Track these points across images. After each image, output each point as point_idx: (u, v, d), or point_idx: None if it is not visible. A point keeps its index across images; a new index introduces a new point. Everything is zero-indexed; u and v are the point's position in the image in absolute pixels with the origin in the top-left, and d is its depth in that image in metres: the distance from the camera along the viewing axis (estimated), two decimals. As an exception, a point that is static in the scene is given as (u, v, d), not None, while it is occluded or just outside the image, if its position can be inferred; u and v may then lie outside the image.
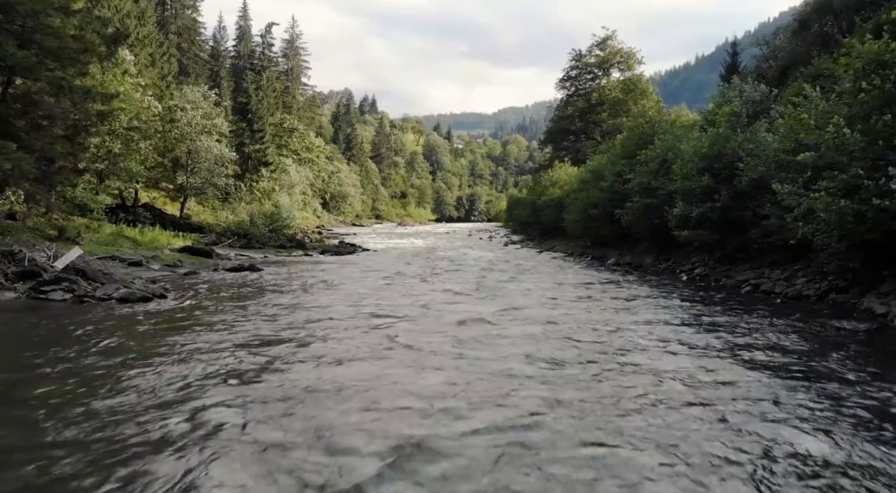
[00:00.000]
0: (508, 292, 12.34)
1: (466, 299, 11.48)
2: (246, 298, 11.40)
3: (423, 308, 10.16)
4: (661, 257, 19.29)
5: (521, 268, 18.90)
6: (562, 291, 12.64)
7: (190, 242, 23.16)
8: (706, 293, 12.29)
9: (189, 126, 26.00)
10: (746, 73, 33.73)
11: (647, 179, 18.84)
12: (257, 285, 13.29)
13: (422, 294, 11.99)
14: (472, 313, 9.51)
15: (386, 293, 12.10)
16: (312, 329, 8.23)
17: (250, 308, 10.01)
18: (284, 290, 12.53)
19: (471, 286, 13.36)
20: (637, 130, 23.07)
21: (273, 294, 11.85)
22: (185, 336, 7.59)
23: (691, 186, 14.69)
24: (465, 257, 23.23)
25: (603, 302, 10.99)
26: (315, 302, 10.85)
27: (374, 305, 10.40)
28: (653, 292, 12.58)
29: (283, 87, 64.52)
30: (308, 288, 13.08)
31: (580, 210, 25.46)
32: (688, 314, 9.67)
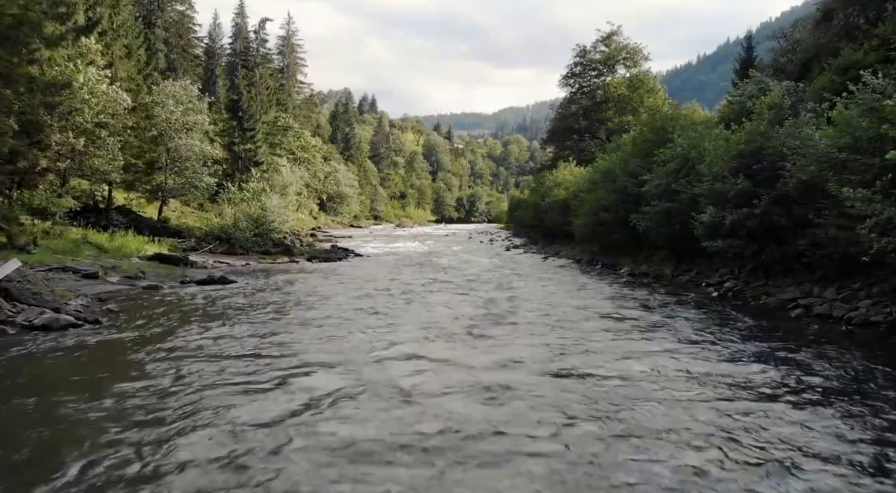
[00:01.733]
0: (516, 327, 9.29)
1: (458, 339, 8.43)
2: (196, 326, 9.47)
3: (393, 363, 6.99)
4: (681, 266, 17.37)
5: (527, 281, 16.97)
6: (583, 317, 10.49)
7: (165, 249, 21.29)
8: (749, 317, 10.37)
9: (167, 123, 24.11)
10: (762, 68, 31.97)
11: (666, 180, 16.93)
12: (219, 306, 11.37)
13: (400, 326, 9.31)
14: (461, 387, 6.05)
15: (356, 324, 9.39)
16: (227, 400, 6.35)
17: (190, 344, 8.08)
18: (246, 314, 10.57)
19: (466, 312, 10.73)
20: (653, 125, 21.14)
21: (230, 322, 9.88)
22: (76, 396, 5.65)
23: (723, 190, 12.77)
24: (463, 266, 21.29)
25: (639, 336, 8.99)
26: (268, 338, 8.82)
27: (330, 351, 7.62)
28: (688, 315, 10.62)
29: (277, 84, 62.64)
30: (275, 311, 11.15)
31: (589, 213, 23.55)
32: (748, 354, 7.72)
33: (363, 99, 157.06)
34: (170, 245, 22.23)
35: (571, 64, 51.79)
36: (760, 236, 12.14)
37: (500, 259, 25.33)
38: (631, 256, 21.46)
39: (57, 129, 18.84)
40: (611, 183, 21.78)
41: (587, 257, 24.81)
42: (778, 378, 6.38)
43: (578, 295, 13.41)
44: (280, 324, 9.53)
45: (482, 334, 8.83)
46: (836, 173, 9.86)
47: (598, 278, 17.14)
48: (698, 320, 9.94)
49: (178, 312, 10.59)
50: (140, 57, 25.90)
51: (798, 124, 12.37)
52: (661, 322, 9.68)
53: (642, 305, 11.71)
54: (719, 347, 7.90)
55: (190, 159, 24.61)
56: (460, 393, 5.88)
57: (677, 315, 10.39)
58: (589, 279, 16.82)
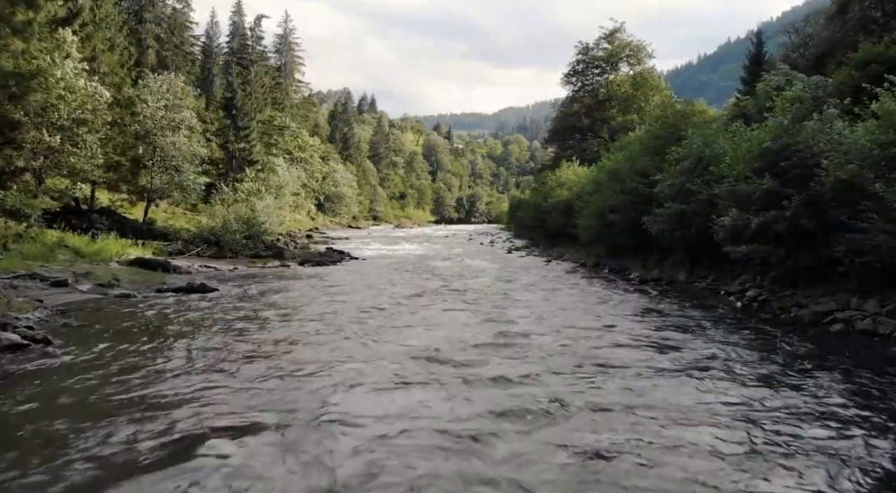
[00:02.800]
0: (525, 360, 7.46)
1: (450, 383, 6.46)
2: (151, 350, 8.35)
3: (344, 433, 5.04)
4: (696, 272, 16.28)
5: (533, 291, 15.86)
6: (609, 343, 8.73)
7: (149, 252, 20.20)
8: (783, 333, 9.26)
9: (152, 120, 23.00)
10: (774, 64, 30.93)
11: (680, 180, 15.84)
12: (187, 321, 10.25)
13: (381, 359, 7.50)
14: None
15: (326, 354, 7.62)
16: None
17: (128, 384, 6.96)
18: (211, 334, 9.36)
19: (464, 336, 8.88)
20: (663, 122, 20.04)
21: (187, 345, 8.71)
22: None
23: (747, 190, 11.67)
24: (462, 272, 20.17)
25: (693, 382, 6.92)
26: (216, 373, 7.54)
27: (273, 399, 5.81)
28: (725, 336, 9.46)
29: (273, 83, 61.55)
30: (242, 329, 10.03)
31: (594, 214, 22.47)
32: (802, 388, 6.61)
33: (362, 99, 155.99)
34: (154, 248, 21.14)
35: (574, 61, 50.73)
36: (790, 241, 11.03)
37: (502, 263, 24.24)
38: (639, 259, 20.37)
39: (32, 126, 17.78)
40: (618, 183, 20.69)
41: (592, 260, 23.71)
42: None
43: (594, 310, 11.82)
44: (240, 350, 7.92)
45: (482, 377, 6.68)
46: (881, 173, 8.77)
47: (609, 286, 16.02)
48: (741, 345, 8.69)
49: (143, 328, 9.48)
50: (124, 51, 24.78)
51: (827, 119, 11.28)
52: (702, 350, 8.42)
53: (674, 325, 9.99)
54: (795, 396, 6.31)
55: (176, 158, 23.49)
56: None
57: (715, 338, 9.06)
58: (599, 287, 15.70)
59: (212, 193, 35.00)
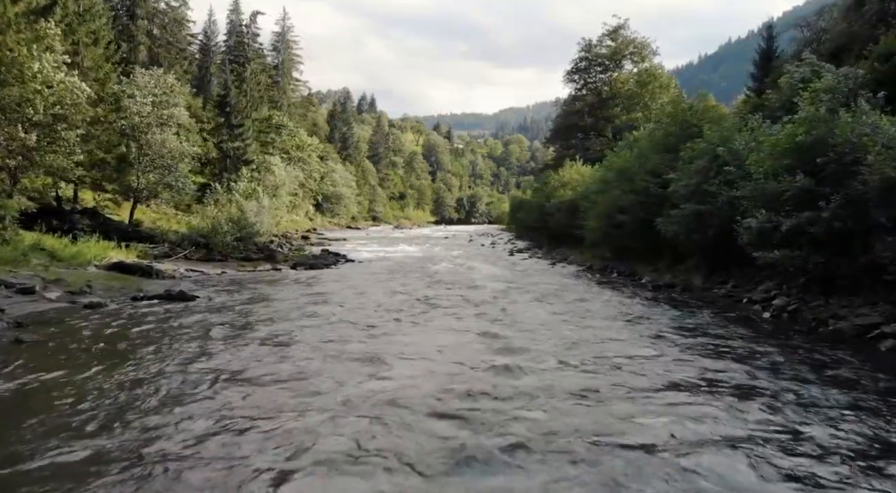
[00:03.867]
0: (541, 392, 6.18)
1: (444, 449, 4.85)
2: (102, 374, 7.31)
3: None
4: (713, 277, 15.22)
5: (538, 296, 14.81)
6: (635, 370, 7.19)
7: (133, 255, 19.17)
8: (827, 350, 8.21)
9: (139, 116, 21.94)
10: (785, 60, 29.93)
11: (696, 179, 14.80)
12: (154, 336, 9.20)
13: (357, 402, 5.90)
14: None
15: (290, 392, 6.15)
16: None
17: (65, 421, 5.91)
18: (174, 355, 8.23)
19: (463, 363, 7.42)
20: (676, 118, 18.99)
21: (143, 368, 7.62)
22: None
23: (776, 190, 10.62)
24: (463, 276, 19.09)
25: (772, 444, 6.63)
26: (152, 429, 6.63)
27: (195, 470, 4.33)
28: (753, 353, 8.37)
29: (270, 81, 60.51)
30: (211, 351, 8.97)
31: (602, 215, 21.41)
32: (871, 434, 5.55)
33: (362, 98, 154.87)
34: (139, 251, 20.09)
35: (576, 59, 49.65)
36: (827, 245, 9.98)
37: (504, 266, 23.18)
38: (649, 263, 19.32)
39: (6, 122, 16.73)
40: (627, 182, 19.63)
41: (599, 263, 22.66)
42: None
43: (612, 325, 10.28)
44: (190, 383, 6.57)
45: (487, 458, 4.62)
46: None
47: (622, 293, 14.95)
48: (788, 371, 7.64)
49: (102, 345, 8.42)
50: (110, 44, 23.73)
51: (863, 111, 10.22)
52: (750, 382, 7.38)
53: (711, 347, 8.49)
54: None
55: (164, 156, 22.44)
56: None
57: (758, 362, 7.89)
58: (613, 295, 14.62)
59: (205, 194, 34.01)
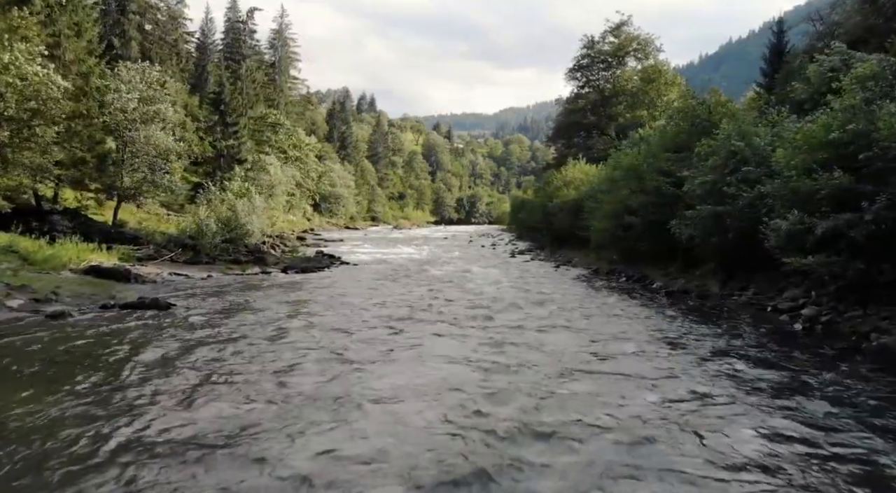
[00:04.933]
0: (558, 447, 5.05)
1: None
2: (54, 398, 6.28)
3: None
4: (731, 283, 14.17)
5: (545, 304, 13.76)
6: (675, 417, 5.97)
7: (115, 258, 18.12)
8: (884, 375, 7.17)
9: (123, 113, 20.89)
10: (797, 54, 28.99)
11: (713, 178, 13.76)
12: (119, 351, 8.17)
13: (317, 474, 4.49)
14: None
15: (243, 443, 4.86)
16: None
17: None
18: (128, 384, 7.30)
19: (462, 404, 6.02)
20: (687, 114, 17.95)
21: (87, 399, 6.68)
22: None
23: (811, 188, 9.57)
24: (462, 282, 18.01)
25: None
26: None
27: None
28: (798, 377, 7.36)
29: (266, 78, 59.46)
30: (168, 379, 7.92)
31: (608, 216, 20.39)
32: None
33: (361, 98, 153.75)
34: (121, 254, 19.02)
35: (579, 56, 48.59)
36: (869, 251, 8.94)
37: (506, 269, 22.12)
38: (660, 266, 18.29)
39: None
40: (636, 182, 18.61)
41: (605, 266, 21.62)
42: None
43: (634, 341, 8.87)
44: (102, 437, 5.61)
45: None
46: None
47: (634, 301, 13.89)
48: (844, 402, 6.63)
49: (54, 365, 7.38)
50: (94, 37, 22.69)
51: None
52: (752, 396, 6.38)
53: (751, 370, 7.32)
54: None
55: (149, 154, 21.39)
56: None
57: (809, 390, 6.93)
58: (624, 303, 13.56)
59: (198, 193, 32.99)
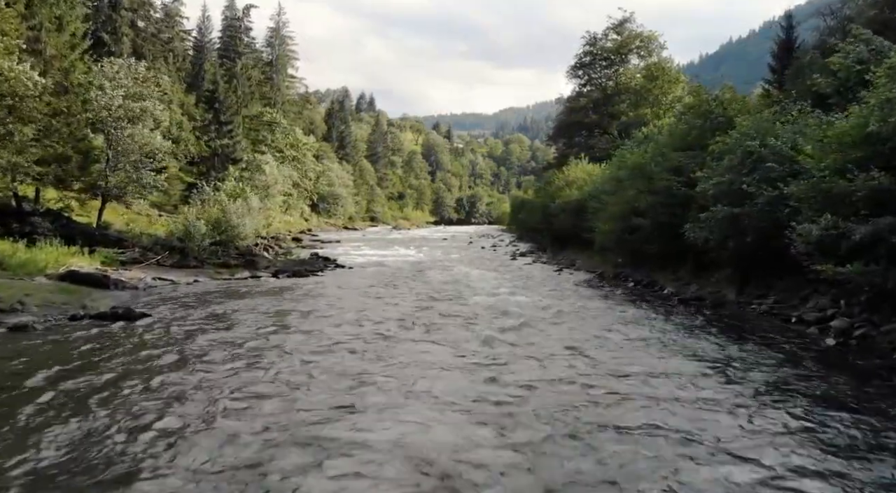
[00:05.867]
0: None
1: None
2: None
3: None
4: (748, 289, 13.28)
5: (550, 314, 12.87)
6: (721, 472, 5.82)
7: (96, 262, 17.25)
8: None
9: (107, 110, 20.00)
10: (808, 50, 28.11)
11: (729, 177, 12.88)
12: (76, 372, 7.29)
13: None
14: None
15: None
16: None
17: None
18: (65, 419, 6.48)
19: (457, 453, 4.98)
20: (699, 110, 17.06)
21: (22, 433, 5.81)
22: None
23: (846, 189, 8.69)
24: (461, 288, 17.06)
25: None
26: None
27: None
28: (844, 404, 6.48)
29: (263, 77, 58.62)
30: (118, 404, 7.05)
31: (614, 218, 19.50)
32: None
33: (361, 97, 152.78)
34: (104, 257, 18.12)
35: (580, 54, 47.67)
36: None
37: (507, 273, 21.23)
38: (669, 270, 17.41)
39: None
40: (644, 181, 17.72)
41: (610, 269, 20.74)
42: None
43: (666, 372, 7.43)
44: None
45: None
46: None
47: (645, 309, 13.00)
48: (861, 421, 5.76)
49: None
50: (77, 31, 21.81)
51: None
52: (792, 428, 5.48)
53: (800, 405, 6.13)
54: None
55: (135, 153, 20.51)
56: None
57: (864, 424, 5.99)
58: (638, 311, 12.65)
59: (192, 193, 32.13)
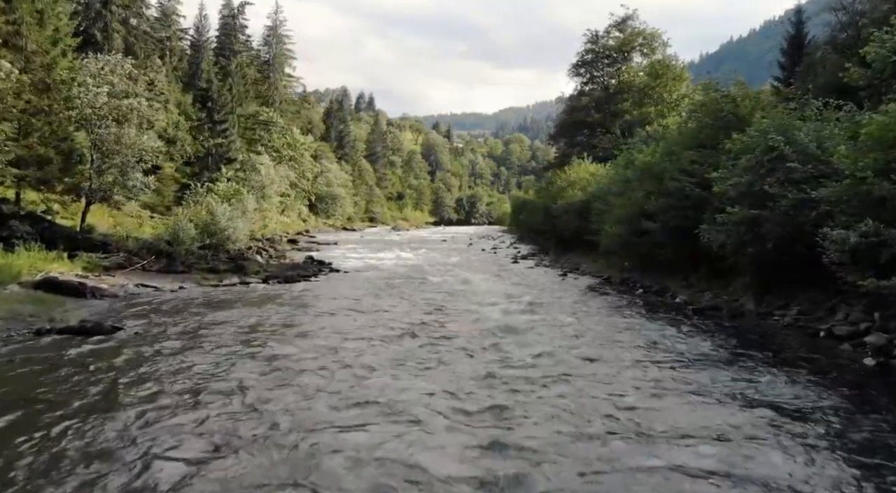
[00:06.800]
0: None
1: None
2: None
3: None
4: (768, 298, 12.40)
5: (555, 325, 12.01)
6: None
7: (77, 267, 16.41)
8: None
9: (91, 108, 19.13)
10: (818, 46, 27.36)
11: (749, 178, 12.01)
12: (19, 401, 6.42)
13: None
14: None
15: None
16: None
17: None
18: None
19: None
20: (709, 108, 16.19)
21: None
22: None
23: (890, 192, 7.81)
24: (459, 296, 16.18)
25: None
26: None
27: None
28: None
29: (260, 75, 57.73)
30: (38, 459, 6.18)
31: (622, 220, 18.64)
32: None
33: (360, 97, 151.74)
34: (86, 262, 17.25)
35: (582, 51, 46.81)
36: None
37: (509, 278, 20.33)
38: (680, 276, 16.54)
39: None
40: (654, 182, 16.85)
41: (617, 274, 19.87)
42: None
43: (693, 403, 6.58)
44: None
45: None
46: None
47: (658, 320, 12.12)
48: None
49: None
50: (60, 26, 20.93)
51: None
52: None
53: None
54: None
55: (121, 153, 19.64)
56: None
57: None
58: (653, 323, 11.78)
59: (185, 194, 31.30)
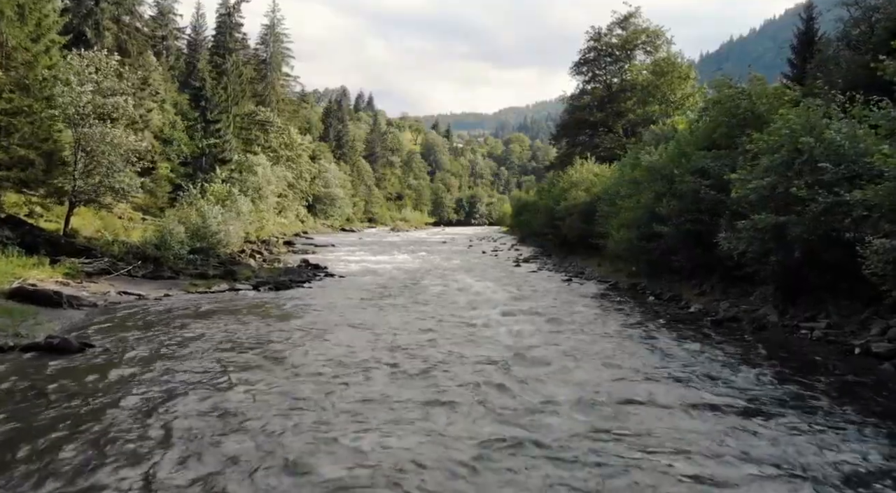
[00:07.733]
0: None
1: None
2: None
3: None
4: (793, 310, 11.54)
5: (561, 339, 11.14)
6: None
7: (58, 274, 15.56)
8: None
9: (74, 107, 18.28)
10: (829, 42, 26.48)
11: (772, 180, 11.16)
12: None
13: None
14: None
15: None
16: None
17: None
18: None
19: None
20: (724, 106, 15.34)
21: None
22: None
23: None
24: (459, 306, 15.29)
25: None
26: None
27: None
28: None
29: (257, 74, 56.86)
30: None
31: (631, 223, 17.81)
32: None
33: (359, 96, 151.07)
34: (68, 269, 16.37)
35: (584, 49, 45.99)
36: None
37: (511, 284, 19.45)
38: (693, 283, 15.70)
39: None
40: (665, 184, 16.00)
41: (625, 280, 19.05)
42: None
43: (703, 431, 5.86)
44: None
45: None
46: None
47: (673, 332, 11.26)
48: None
49: None
50: (42, 22, 20.09)
51: None
52: None
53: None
54: None
55: (107, 153, 18.80)
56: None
57: None
58: (660, 335, 10.95)
59: (179, 196, 30.50)
